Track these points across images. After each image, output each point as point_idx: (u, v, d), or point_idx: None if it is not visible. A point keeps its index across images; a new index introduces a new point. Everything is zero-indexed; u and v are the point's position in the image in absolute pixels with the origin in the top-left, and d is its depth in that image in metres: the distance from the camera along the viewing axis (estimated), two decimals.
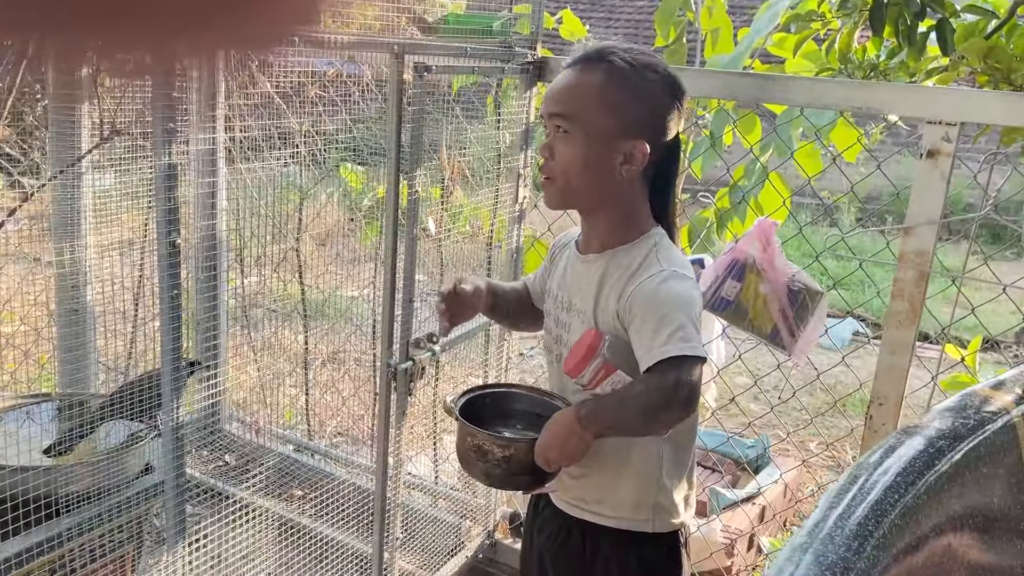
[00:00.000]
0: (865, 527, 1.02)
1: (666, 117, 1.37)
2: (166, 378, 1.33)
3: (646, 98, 1.35)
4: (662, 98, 1.36)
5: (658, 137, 1.37)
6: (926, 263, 1.63)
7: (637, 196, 1.41)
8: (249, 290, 2.80)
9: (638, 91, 1.34)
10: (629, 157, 1.35)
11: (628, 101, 1.34)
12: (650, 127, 1.36)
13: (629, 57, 1.35)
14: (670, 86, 1.37)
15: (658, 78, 1.36)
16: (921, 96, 1.58)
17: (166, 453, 1.38)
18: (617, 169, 1.35)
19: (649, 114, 1.36)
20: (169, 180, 1.24)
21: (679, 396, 1.27)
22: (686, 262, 1.42)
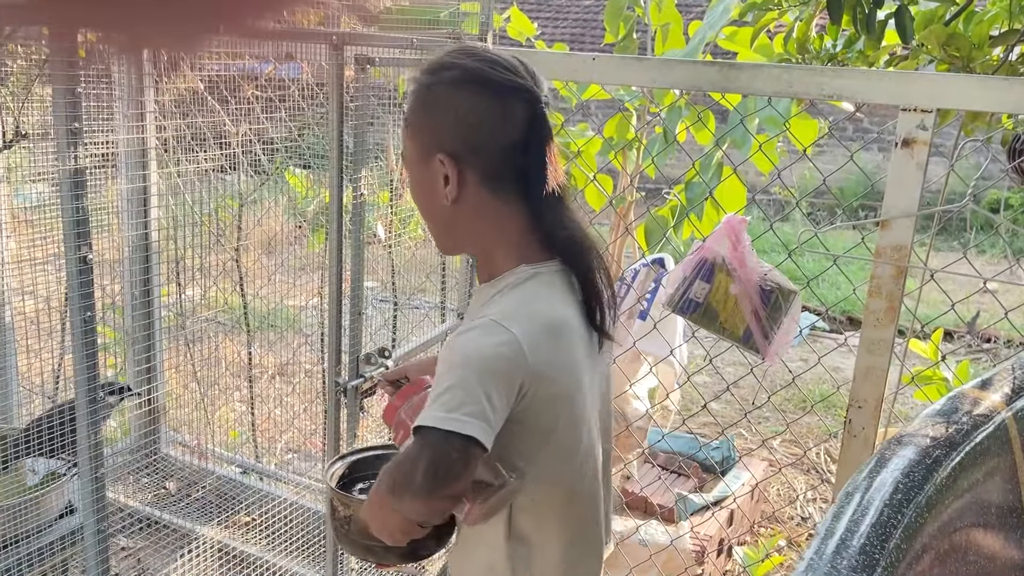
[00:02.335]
0: (870, 555, 0.93)
1: (474, 117, 1.11)
2: (81, 409, 1.18)
3: (439, 105, 1.13)
4: (460, 97, 1.11)
5: (472, 143, 1.11)
6: (904, 258, 1.55)
7: (486, 221, 1.15)
8: (188, 303, 2.63)
9: (427, 101, 1.13)
10: (446, 179, 1.12)
11: (421, 116, 1.14)
12: (453, 137, 1.11)
13: (427, 66, 1.15)
14: (474, 80, 1.11)
15: (453, 76, 1.12)
16: (896, 82, 1.50)
17: (84, 493, 1.22)
18: (443, 195, 1.13)
19: (447, 122, 1.12)
20: (75, 188, 1.09)
21: (412, 479, 1.01)
22: (530, 310, 1.11)
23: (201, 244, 2.58)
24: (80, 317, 1.14)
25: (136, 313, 2.21)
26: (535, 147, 1.12)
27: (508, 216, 1.14)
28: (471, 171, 1.12)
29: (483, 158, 1.12)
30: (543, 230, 1.15)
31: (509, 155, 1.12)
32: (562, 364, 1.12)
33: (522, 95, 1.11)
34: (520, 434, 1.11)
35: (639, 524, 2.66)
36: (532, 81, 1.12)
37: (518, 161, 1.12)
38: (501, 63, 1.12)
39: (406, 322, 2.59)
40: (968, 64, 2.29)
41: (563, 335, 1.12)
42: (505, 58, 1.13)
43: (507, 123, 1.11)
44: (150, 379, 2.20)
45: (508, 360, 1.06)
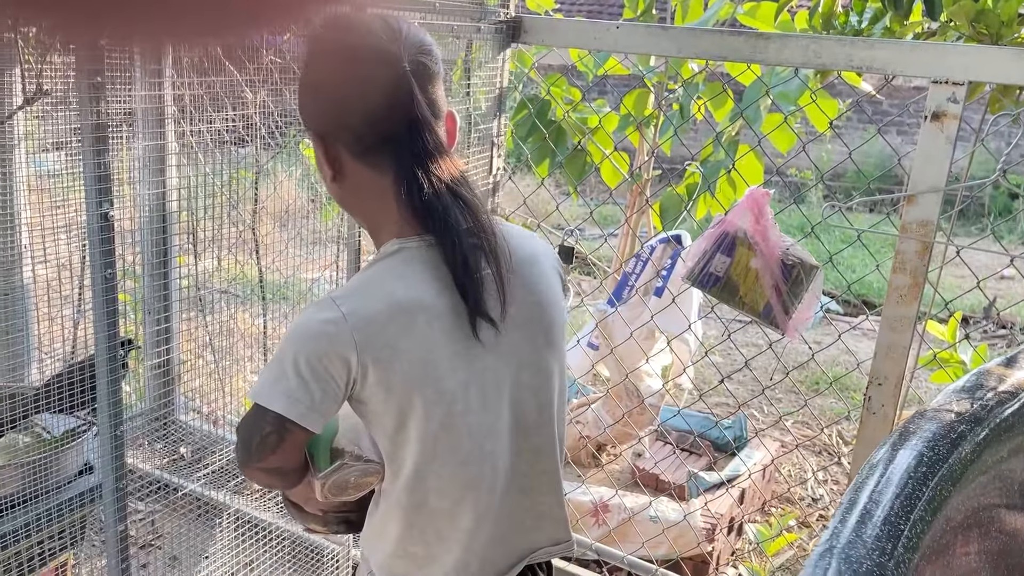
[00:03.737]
0: (894, 525, 0.92)
1: (329, 91, 1.07)
2: (101, 364, 1.18)
3: (302, 86, 1.09)
4: (315, 74, 1.07)
5: (340, 120, 1.07)
6: (929, 233, 1.53)
7: (367, 195, 1.11)
8: (203, 272, 2.63)
9: (302, 86, 1.09)
10: (323, 153, 1.08)
11: (300, 101, 1.10)
12: (317, 115, 1.08)
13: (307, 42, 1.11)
14: (324, 53, 1.07)
15: (309, 54, 1.08)
16: (928, 53, 1.47)
17: (104, 451, 1.23)
18: (327, 173, 1.09)
19: (309, 101, 1.09)
20: (98, 143, 1.08)
21: (237, 450, 1.07)
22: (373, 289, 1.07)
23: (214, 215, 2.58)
24: (101, 274, 1.13)
25: (153, 279, 2.21)
26: (400, 111, 1.05)
27: (384, 188, 1.08)
28: (341, 147, 1.07)
29: (348, 131, 1.06)
30: (419, 203, 1.07)
31: (374, 123, 1.06)
32: (408, 347, 1.05)
33: (378, 57, 1.04)
34: (369, 416, 1.09)
35: (650, 500, 2.66)
36: (394, 41, 1.06)
37: (384, 128, 1.06)
38: (356, 29, 1.06)
39: None
40: (997, 41, 2.25)
41: (412, 316, 1.06)
42: (362, 22, 1.07)
43: (364, 90, 1.05)
44: (167, 346, 2.21)
45: (330, 338, 1.02)
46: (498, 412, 1.14)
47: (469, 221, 1.09)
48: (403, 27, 1.07)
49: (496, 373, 1.13)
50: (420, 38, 1.08)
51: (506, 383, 1.15)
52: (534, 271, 1.19)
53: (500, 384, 1.14)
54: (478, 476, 1.14)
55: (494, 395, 1.14)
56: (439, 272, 1.08)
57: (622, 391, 2.99)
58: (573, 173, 3.38)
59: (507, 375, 1.15)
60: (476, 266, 1.08)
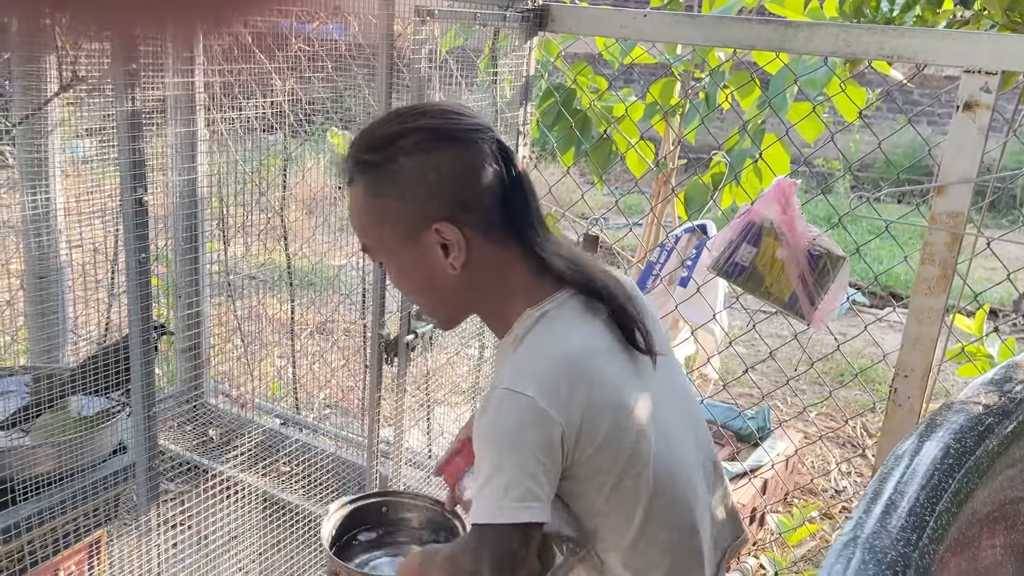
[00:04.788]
0: (919, 516, 0.92)
1: (452, 173, 1.05)
2: (135, 347, 1.21)
3: (410, 176, 1.05)
4: (433, 159, 1.05)
5: (463, 199, 1.06)
6: (960, 224, 1.52)
7: (493, 275, 1.09)
8: (232, 257, 2.66)
9: (395, 181, 1.05)
10: (447, 248, 1.06)
11: (393, 200, 1.06)
12: (440, 200, 1.05)
13: (365, 145, 1.08)
14: (438, 136, 1.06)
15: (415, 142, 1.05)
16: (960, 42, 1.45)
17: (137, 430, 1.25)
18: (447, 265, 1.07)
19: (429, 189, 1.05)
20: (133, 129, 1.11)
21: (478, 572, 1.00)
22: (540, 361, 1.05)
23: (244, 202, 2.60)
24: (135, 258, 1.16)
25: (183, 263, 2.25)
26: (512, 180, 1.07)
27: (510, 261, 1.09)
28: (469, 229, 1.06)
29: (476, 210, 1.06)
30: (543, 263, 1.09)
31: (496, 197, 1.07)
32: (598, 397, 1.05)
33: (483, 133, 1.07)
34: (582, 485, 1.07)
35: None
36: (476, 115, 1.10)
37: (504, 200, 1.07)
38: (451, 111, 1.08)
39: None
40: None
41: (587, 370, 1.05)
42: (448, 105, 1.10)
43: (484, 166, 1.06)
44: (196, 329, 2.24)
45: (534, 426, 1.01)
46: (686, 430, 1.17)
47: (591, 267, 1.12)
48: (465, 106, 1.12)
49: (670, 395, 1.16)
50: None
51: (676, 399, 1.17)
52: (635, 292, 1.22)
53: (675, 403, 1.17)
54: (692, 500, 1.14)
55: (676, 417, 1.16)
56: (586, 321, 1.08)
57: None
58: (598, 162, 3.37)
59: (675, 394, 1.18)
60: (623, 303, 1.10)
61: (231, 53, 2.02)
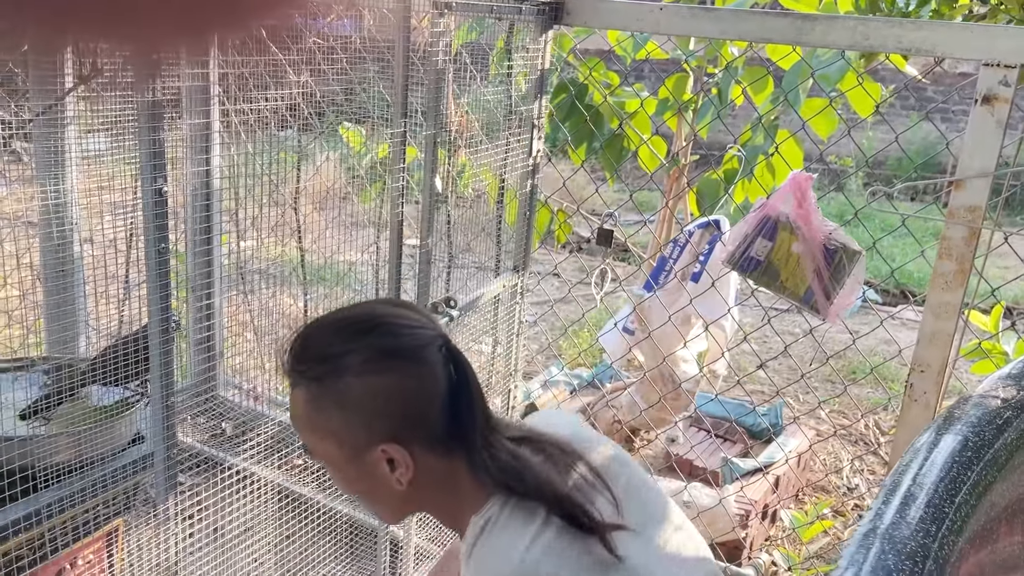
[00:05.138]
0: (938, 507, 0.91)
1: (399, 394, 1.01)
2: (154, 336, 1.22)
3: (354, 398, 1.01)
4: (376, 380, 1.01)
5: (410, 419, 1.02)
6: (978, 219, 1.51)
7: (439, 486, 1.06)
8: (245, 252, 2.68)
9: (339, 402, 1.01)
10: (393, 465, 1.02)
11: (336, 419, 1.01)
12: (386, 421, 1.01)
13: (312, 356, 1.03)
14: (383, 355, 1.01)
15: (361, 362, 1.01)
16: (979, 35, 1.44)
17: (155, 420, 1.26)
18: (393, 481, 1.03)
19: (375, 411, 1.01)
20: (153, 120, 1.11)
21: None
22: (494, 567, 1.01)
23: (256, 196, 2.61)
24: (154, 248, 1.17)
25: (197, 257, 2.26)
26: (459, 387, 1.03)
27: (455, 471, 1.05)
28: (416, 446, 1.02)
29: (422, 427, 1.03)
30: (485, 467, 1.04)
31: (443, 410, 1.03)
32: None
33: (430, 343, 1.02)
34: None
35: (684, 485, 2.67)
36: (428, 320, 1.06)
37: (450, 411, 1.03)
38: (398, 323, 1.03)
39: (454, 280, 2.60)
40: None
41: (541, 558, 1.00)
42: (396, 315, 1.05)
43: (431, 382, 1.02)
44: (209, 320, 2.25)
45: None
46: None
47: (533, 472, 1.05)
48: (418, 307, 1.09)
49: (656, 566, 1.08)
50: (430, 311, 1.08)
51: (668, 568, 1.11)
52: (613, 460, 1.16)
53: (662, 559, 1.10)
54: None
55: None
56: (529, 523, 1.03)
57: (657, 376, 2.99)
58: (611, 157, 3.37)
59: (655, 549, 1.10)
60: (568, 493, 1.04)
61: (245, 47, 2.03)
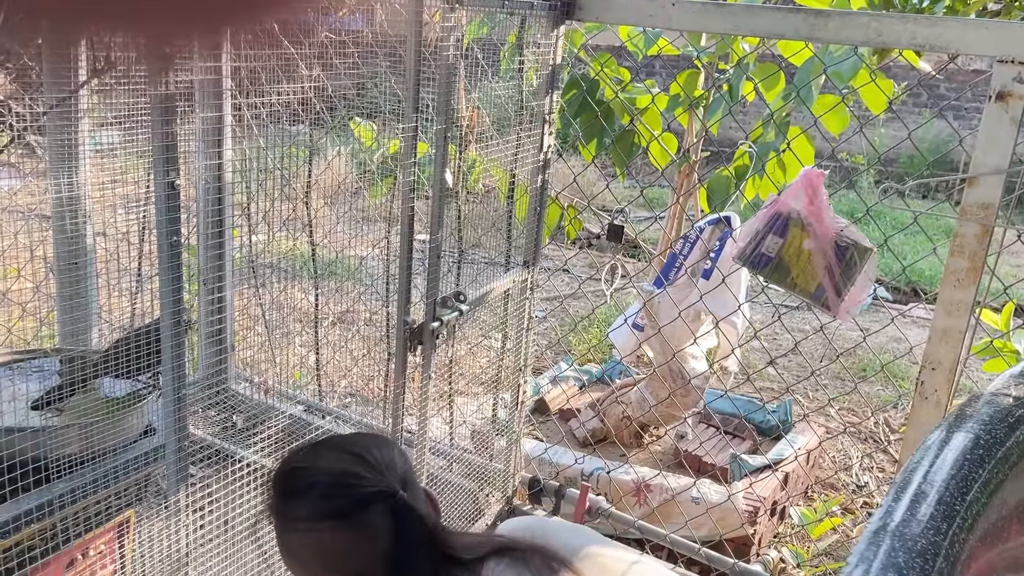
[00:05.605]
0: (949, 505, 0.91)
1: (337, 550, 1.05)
2: (166, 329, 1.22)
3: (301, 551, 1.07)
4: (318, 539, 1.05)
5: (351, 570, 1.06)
6: (991, 216, 1.50)
7: None
8: (256, 246, 2.68)
9: (289, 546, 1.08)
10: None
11: (291, 559, 1.09)
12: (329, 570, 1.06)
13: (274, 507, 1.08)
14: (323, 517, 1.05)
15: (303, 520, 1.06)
16: (993, 31, 1.43)
17: (167, 413, 1.27)
18: None
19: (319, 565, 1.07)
20: (166, 113, 1.12)
21: None
22: None
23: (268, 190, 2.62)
24: (167, 241, 1.17)
25: (208, 251, 2.27)
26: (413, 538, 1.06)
27: None
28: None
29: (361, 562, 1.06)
30: None
31: (386, 562, 1.05)
32: None
33: (374, 499, 1.04)
34: None
35: (693, 481, 2.67)
36: (380, 475, 1.06)
37: (394, 563, 1.06)
38: (341, 482, 1.05)
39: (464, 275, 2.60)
40: None
41: None
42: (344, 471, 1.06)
43: (373, 539, 1.05)
44: (220, 313, 2.26)
45: None
46: None
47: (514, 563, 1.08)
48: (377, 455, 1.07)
49: None
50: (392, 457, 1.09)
51: None
52: None
53: None
54: None
55: None
56: None
57: (667, 372, 2.98)
58: (622, 153, 3.36)
59: None
60: None
61: (258, 41, 2.03)
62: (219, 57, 1.59)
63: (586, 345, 4.32)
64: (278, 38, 2.13)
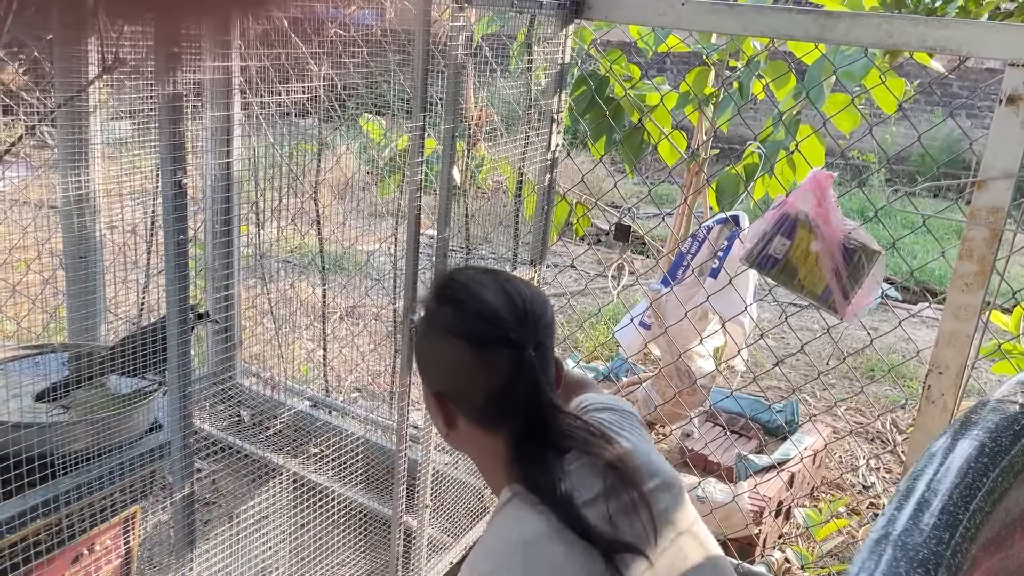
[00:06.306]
0: (952, 514, 0.91)
1: (456, 368, 1.12)
2: (172, 328, 1.23)
3: (428, 350, 1.16)
4: (444, 348, 1.13)
5: (458, 389, 1.14)
6: (1000, 220, 1.49)
7: (478, 450, 1.18)
8: (264, 241, 2.69)
9: (421, 344, 1.17)
10: (440, 413, 1.16)
11: (419, 356, 1.18)
12: (440, 381, 1.15)
13: (425, 305, 1.17)
14: (454, 333, 1.11)
15: (439, 326, 1.13)
16: (1005, 34, 1.42)
17: (173, 409, 1.28)
18: (440, 425, 1.18)
19: (434, 368, 1.16)
20: (173, 112, 1.12)
21: None
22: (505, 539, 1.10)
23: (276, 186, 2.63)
24: (173, 239, 1.18)
25: (216, 246, 2.27)
26: (521, 393, 1.11)
27: (495, 448, 1.14)
28: (459, 411, 1.15)
29: (468, 403, 1.13)
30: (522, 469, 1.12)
31: (492, 401, 1.12)
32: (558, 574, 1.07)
33: (505, 346, 1.09)
34: None
35: (698, 480, 2.66)
36: (521, 324, 1.11)
37: (502, 406, 1.12)
38: (483, 313, 1.10)
39: None
40: None
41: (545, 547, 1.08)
42: (491, 304, 1.11)
43: (489, 375, 1.11)
44: (227, 309, 2.27)
45: None
46: None
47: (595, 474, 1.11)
48: (529, 308, 1.12)
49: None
50: (542, 313, 1.13)
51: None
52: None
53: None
54: None
55: None
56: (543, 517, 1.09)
57: (673, 371, 2.98)
58: (631, 151, 3.36)
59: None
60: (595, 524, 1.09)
61: (267, 37, 2.04)
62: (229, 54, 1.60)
63: (593, 342, 4.32)
64: (288, 35, 2.13)
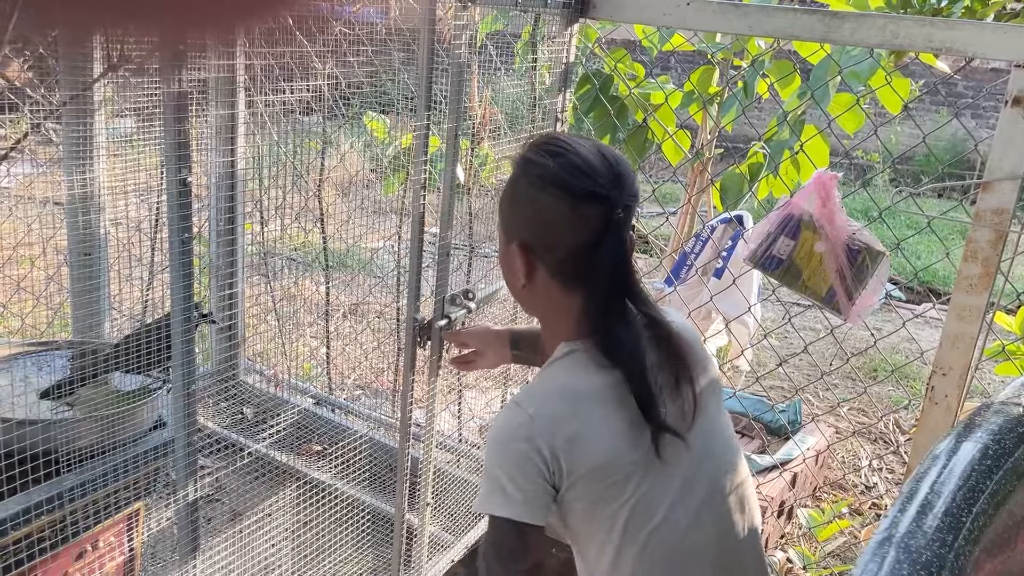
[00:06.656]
0: (955, 516, 0.91)
1: (548, 217, 1.14)
2: (176, 326, 1.23)
3: (520, 199, 1.18)
4: (538, 197, 1.14)
5: (542, 240, 1.16)
6: (1005, 222, 1.49)
7: (550, 305, 1.21)
8: (268, 238, 2.70)
9: (513, 192, 1.19)
10: (521, 263, 1.18)
11: (507, 204, 1.20)
12: (528, 231, 1.17)
13: (521, 156, 1.19)
14: (552, 184, 1.13)
15: (535, 175, 1.15)
16: (1011, 35, 1.42)
17: (176, 407, 1.28)
18: (518, 276, 1.19)
19: (525, 216, 1.17)
20: (178, 111, 1.12)
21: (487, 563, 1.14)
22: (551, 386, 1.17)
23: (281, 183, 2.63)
24: (178, 237, 1.18)
25: (220, 243, 2.28)
26: (608, 250, 1.14)
27: (570, 305, 1.18)
28: (541, 263, 1.17)
29: (553, 255, 1.16)
30: (602, 324, 1.17)
31: (579, 255, 1.15)
32: (596, 431, 1.13)
33: (599, 202, 1.12)
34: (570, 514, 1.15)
35: None
36: (614, 183, 1.13)
37: (588, 261, 1.15)
38: (582, 167, 1.13)
39: (476, 270, 2.61)
40: None
41: (592, 404, 1.14)
42: (589, 160, 1.14)
43: (580, 227, 1.14)
44: (232, 306, 2.28)
45: (526, 441, 1.11)
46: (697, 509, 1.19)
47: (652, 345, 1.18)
48: (621, 170, 1.15)
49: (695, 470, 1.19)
50: (632, 180, 1.16)
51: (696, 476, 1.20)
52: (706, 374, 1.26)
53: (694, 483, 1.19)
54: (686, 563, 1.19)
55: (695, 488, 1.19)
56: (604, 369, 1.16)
57: None
58: (635, 150, 3.35)
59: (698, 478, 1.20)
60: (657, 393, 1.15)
61: (272, 35, 2.04)
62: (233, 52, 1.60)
63: None
64: (293, 33, 2.13)
